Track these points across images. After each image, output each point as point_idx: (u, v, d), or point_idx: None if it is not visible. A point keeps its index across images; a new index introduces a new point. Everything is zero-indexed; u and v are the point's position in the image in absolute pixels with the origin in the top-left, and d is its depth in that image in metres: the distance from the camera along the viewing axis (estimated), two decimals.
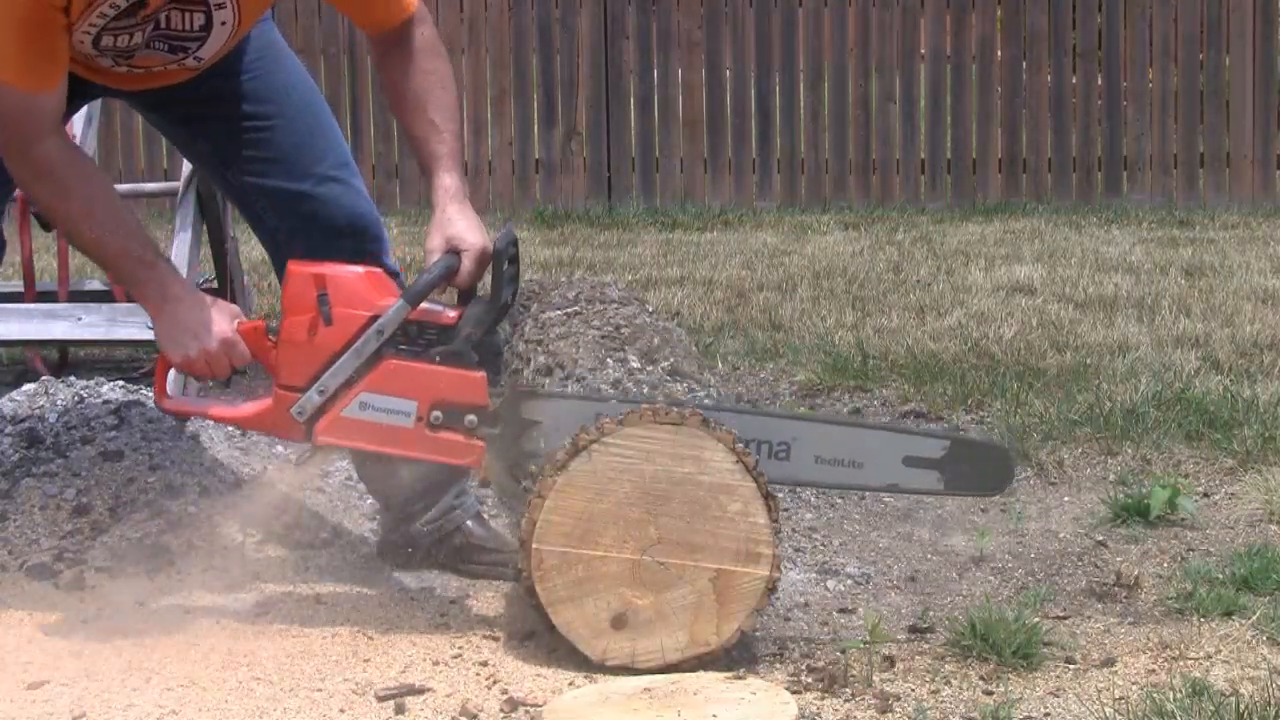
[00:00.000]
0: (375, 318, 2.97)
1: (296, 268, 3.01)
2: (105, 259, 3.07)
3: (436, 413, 2.97)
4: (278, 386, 3.02)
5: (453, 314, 3.02)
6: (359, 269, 3.04)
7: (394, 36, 3.20)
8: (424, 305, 3.00)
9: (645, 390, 3.07)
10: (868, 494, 4.11)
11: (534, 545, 2.84)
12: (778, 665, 2.95)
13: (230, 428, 4.18)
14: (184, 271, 4.56)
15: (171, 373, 3.14)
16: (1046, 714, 2.74)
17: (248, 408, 3.08)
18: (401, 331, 2.99)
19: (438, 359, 2.98)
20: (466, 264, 3.04)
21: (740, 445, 2.86)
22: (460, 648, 3.01)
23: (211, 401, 3.25)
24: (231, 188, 3.49)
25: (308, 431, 3.00)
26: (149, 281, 3.03)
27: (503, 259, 3.01)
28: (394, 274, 3.51)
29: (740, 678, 2.79)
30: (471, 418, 2.97)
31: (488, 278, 3.05)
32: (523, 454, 2.98)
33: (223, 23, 3.13)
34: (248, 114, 3.35)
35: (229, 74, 3.31)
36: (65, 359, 5.48)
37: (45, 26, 2.92)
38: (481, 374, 2.99)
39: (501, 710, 2.73)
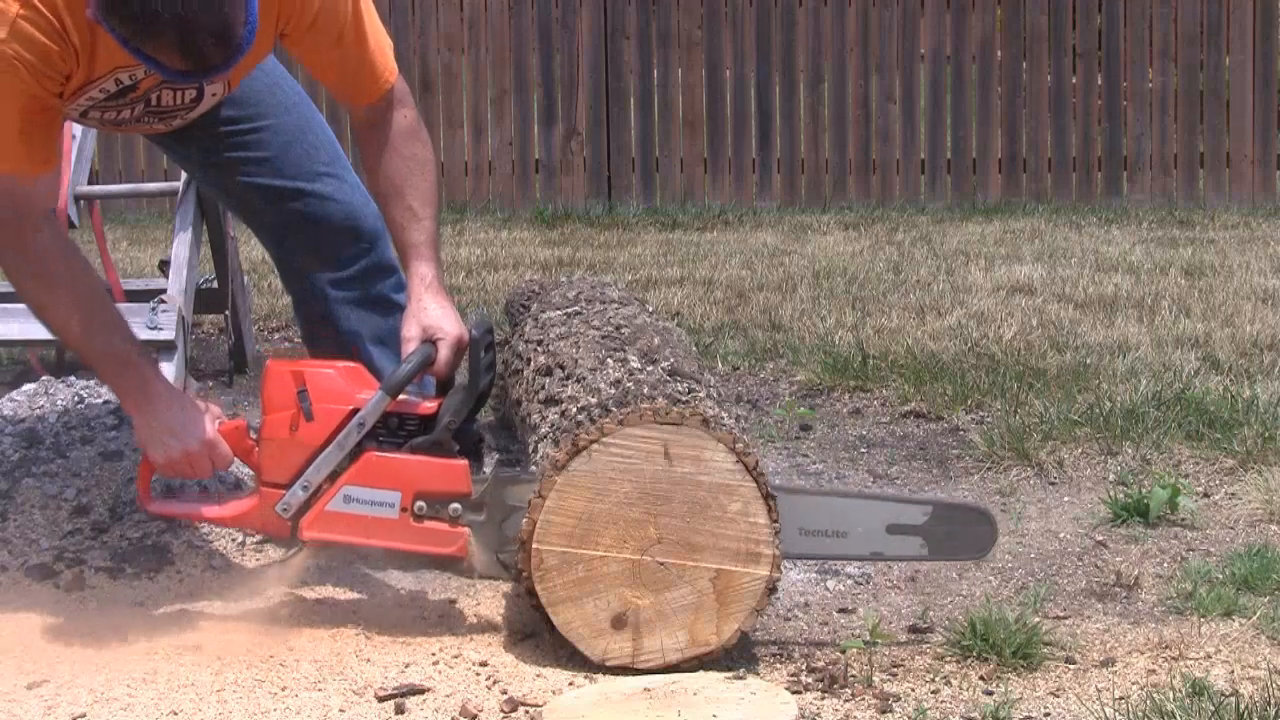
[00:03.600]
0: (355, 411, 3.00)
1: (275, 366, 3.05)
2: (89, 354, 3.07)
3: (420, 503, 2.99)
4: (261, 484, 3.05)
5: (431, 404, 3.05)
6: (338, 364, 3.08)
7: (374, 114, 3.19)
8: (403, 396, 3.03)
9: (645, 390, 3.06)
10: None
11: (534, 545, 2.84)
12: (778, 665, 2.95)
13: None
14: (185, 272, 4.57)
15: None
16: (1046, 714, 2.74)
17: (233, 507, 3.11)
18: (382, 423, 3.01)
19: (419, 449, 3.01)
20: (443, 353, 3.07)
21: (741, 445, 2.86)
22: (460, 648, 3.01)
23: (197, 502, 3.26)
24: (227, 191, 3.50)
25: (294, 528, 3.03)
26: (131, 381, 3.03)
27: (479, 347, 3.06)
28: (392, 269, 3.52)
29: (740, 678, 2.79)
30: (455, 506, 3.00)
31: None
32: (507, 540, 2.99)
33: (214, 94, 3.15)
34: (235, 118, 3.35)
35: (231, 102, 3.32)
36: (63, 359, 5.48)
37: (43, 112, 2.93)
38: (463, 462, 3.02)
39: (501, 710, 2.73)
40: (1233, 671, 2.90)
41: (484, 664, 2.93)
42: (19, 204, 2.95)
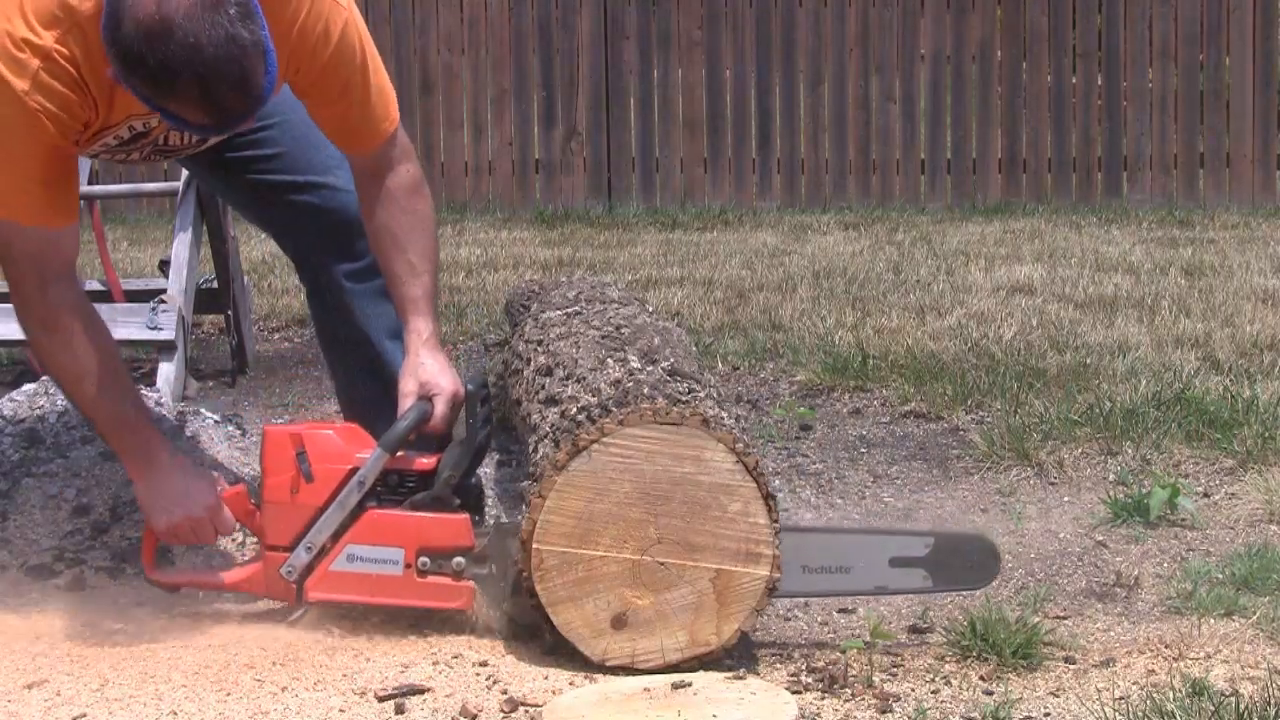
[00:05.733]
0: (355, 470, 3.01)
1: (272, 431, 3.07)
2: (96, 416, 3.08)
3: (424, 559, 3.02)
4: (265, 548, 3.07)
5: (430, 459, 3.06)
6: (335, 425, 3.12)
7: (375, 163, 3.20)
8: (402, 453, 3.04)
9: (645, 390, 3.07)
10: (867, 494, 4.12)
11: (534, 545, 2.84)
12: (778, 665, 2.95)
13: (229, 428, 4.18)
14: (185, 272, 4.57)
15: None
16: (1046, 714, 2.74)
17: (237, 573, 3.14)
18: (382, 481, 3.03)
19: (420, 506, 3.02)
20: (440, 408, 3.08)
21: (741, 445, 2.86)
22: (460, 648, 3.01)
23: (201, 571, 3.27)
24: (237, 189, 3.49)
25: (299, 590, 3.05)
26: (136, 446, 3.06)
27: (475, 400, 3.06)
28: None
29: (740, 678, 2.79)
30: (459, 560, 3.02)
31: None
32: (513, 591, 3.00)
33: (219, 133, 3.15)
34: (268, 150, 3.36)
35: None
36: None
37: (64, 162, 2.96)
38: (465, 516, 3.03)
39: (501, 710, 2.73)
40: (1233, 671, 2.90)
41: (484, 664, 2.93)
42: (45, 256, 2.97)
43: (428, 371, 3.11)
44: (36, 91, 2.81)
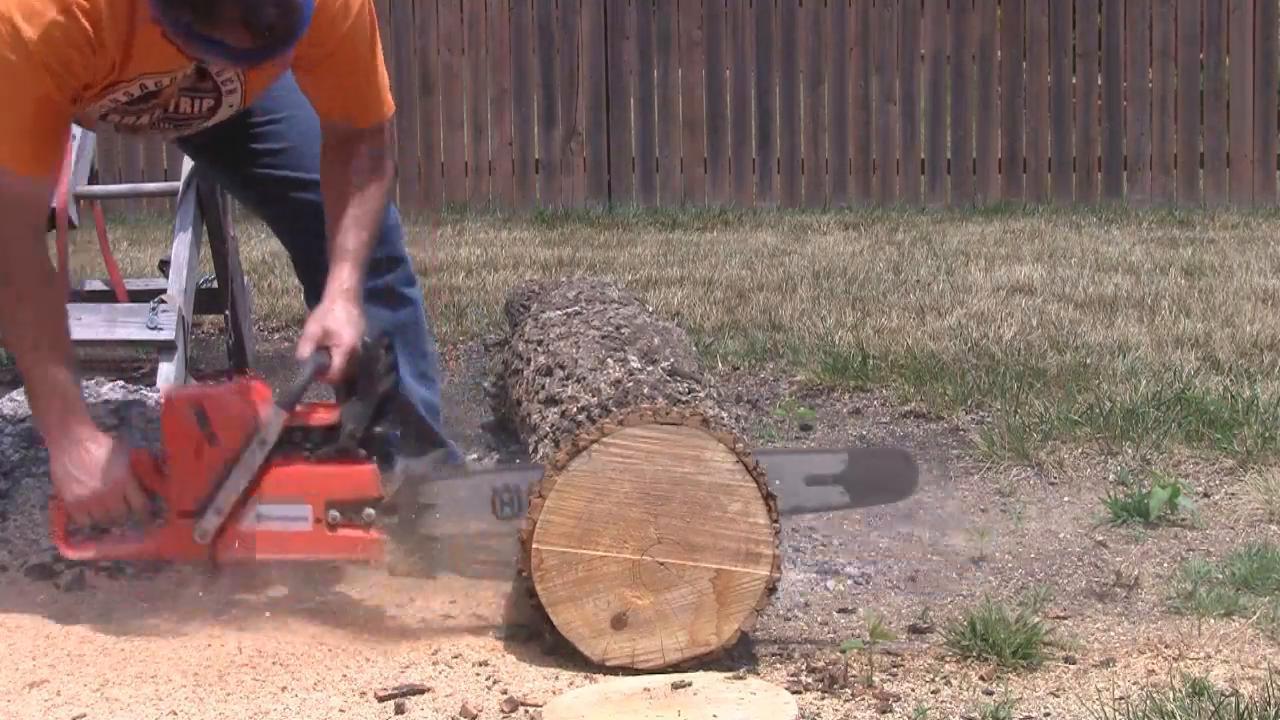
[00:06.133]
0: (256, 429, 3.00)
1: (172, 396, 3.08)
2: (29, 374, 3.07)
3: (333, 512, 3.01)
4: (176, 514, 3.06)
5: (331, 413, 3.05)
6: (234, 385, 3.09)
7: (355, 136, 3.21)
8: (302, 408, 3.03)
9: (645, 390, 3.07)
10: None
11: (534, 545, 2.84)
12: (778, 665, 2.95)
13: None
14: (185, 272, 4.57)
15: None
16: (1046, 714, 2.74)
17: (150, 541, 3.12)
18: (286, 438, 3.02)
19: (325, 459, 3.02)
20: (336, 360, 3.06)
21: (741, 445, 2.86)
22: (460, 648, 3.01)
23: (113, 541, 3.22)
24: (243, 182, 3.49)
25: (211, 552, 3.05)
26: (55, 413, 3.05)
27: (374, 352, 3.05)
28: (401, 260, 3.52)
29: (740, 678, 2.79)
30: (369, 511, 3.01)
31: None
32: (424, 539, 3.01)
33: (230, 105, 3.16)
34: (256, 111, 3.35)
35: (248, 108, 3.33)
36: None
37: (55, 116, 2.95)
38: (371, 467, 3.02)
39: (501, 710, 2.73)
40: (1233, 671, 2.89)
41: (484, 664, 2.93)
42: (17, 204, 2.96)
43: (334, 320, 3.08)
44: (43, 44, 2.82)
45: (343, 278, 3.15)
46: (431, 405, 3.51)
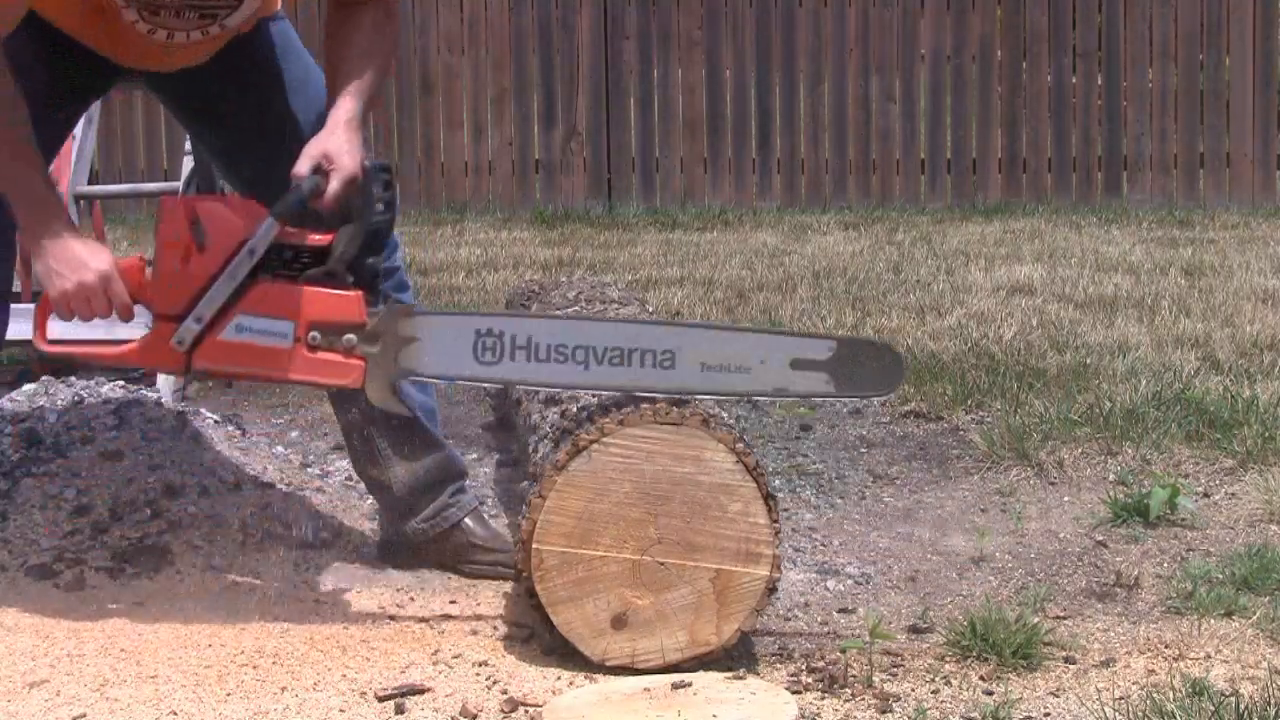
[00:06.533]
0: (246, 240, 2.97)
1: (167, 201, 3.03)
2: (6, 182, 3.03)
3: (314, 333, 2.97)
4: (157, 318, 3.01)
5: (324, 236, 3.02)
6: (230, 198, 3.05)
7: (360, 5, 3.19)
8: (295, 229, 3.00)
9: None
10: (867, 494, 4.12)
11: (534, 545, 2.84)
12: (778, 665, 2.95)
13: (229, 428, 4.18)
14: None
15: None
16: (1046, 714, 2.74)
17: (129, 344, 3.06)
18: (276, 255, 2.99)
19: (313, 280, 2.99)
20: (333, 184, 3.02)
21: (741, 445, 2.86)
22: (460, 648, 3.01)
23: (91, 342, 3.17)
24: (248, 175, 3.48)
25: (188, 360, 3.00)
26: (38, 216, 3.01)
27: (373, 180, 3.02)
28: (395, 269, 3.52)
29: (740, 678, 2.79)
30: (350, 337, 2.98)
31: None
32: (403, 372, 2.99)
33: (252, 8, 3.13)
34: (269, 101, 3.35)
35: (252, 65, 3.32)
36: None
37: None
38: (358, 292, 2.99)
39: (501, 710, 2.73)
40: (1233, 671, 2.90)
41: (484, 664, 2.93)
42: None
43: (335, 144, 3.05)
44: None
45: (347, 106, 3.11)
46: (429, 409, 3.51)
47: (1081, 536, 3.75)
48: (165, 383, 4.86)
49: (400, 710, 2.73)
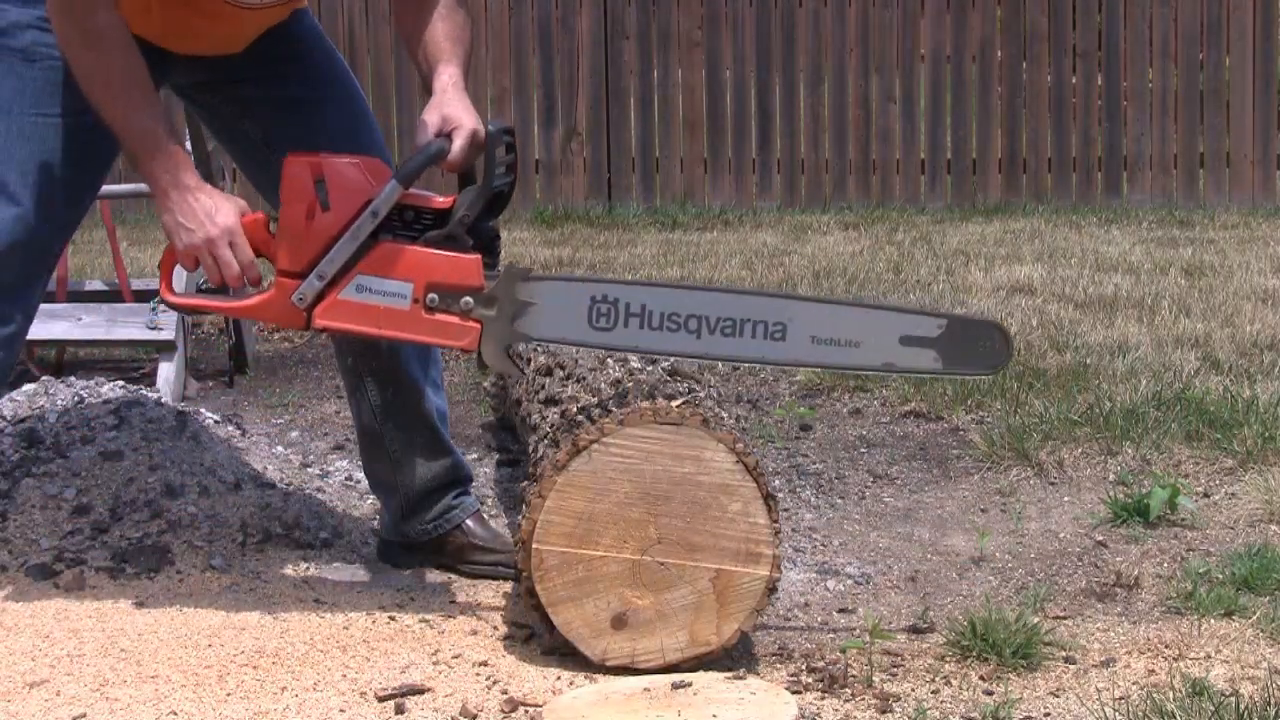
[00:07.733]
0: (371, 201, 2.99)
1: (294, 158, 3.04)
2: (127, 134, 3.04)
3: (433, 295, 2.99)
4: (278, 274, 3.04)
5: (446, 199, 3.04)
6: (356, 157, 3.06)
7: None
8: (418, 191, 3.03)
9: (645, 390, 3.07)
10: (867, 494, 4.12)
11: (534, 545, 2.84)
12: (778, 665, 2.95)
13: (229, 428, 4.18)
14: (185, 273, 4.55)
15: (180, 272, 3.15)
16: (1046, 714, 2.74)
17: (251, 299, 3.10)
18: (397, 216, 3.01)
19: (433, 243, 3.01)
20: (457, 144, 3.05)
21: (741, 445, 2.86)
22: (460, 648, 3.01)
23: (213, 295, 3.25)
24: (272, 171, 3.48)
25: (308, 317, 3.02)
26: (164, 165, 3.01)
27: (495, 143, 3.05)
28: None
29: (740, 678, 2.79)
30: (467, 300, 3.00)
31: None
32: (519, 336, 3.01)
33: None
34: (299, 95, 3.35)
35: (283, 56, 3.32)
36: (63, 359, 5.48)
37: None
38: (476, 256, 3.01)
39: (501, 710, 2.73)
40: (1233, 671, 2.90)
41: (484, 664, 2.93)
42: None
43: (451, 107, 3.08)
44: None
45: (450, 72, 3.13)
46: (442, 412, 3.52)
47: (1081, 536, 3.75)
48: (165, 383, 4.87)
49: (400, 710, 2.73)
